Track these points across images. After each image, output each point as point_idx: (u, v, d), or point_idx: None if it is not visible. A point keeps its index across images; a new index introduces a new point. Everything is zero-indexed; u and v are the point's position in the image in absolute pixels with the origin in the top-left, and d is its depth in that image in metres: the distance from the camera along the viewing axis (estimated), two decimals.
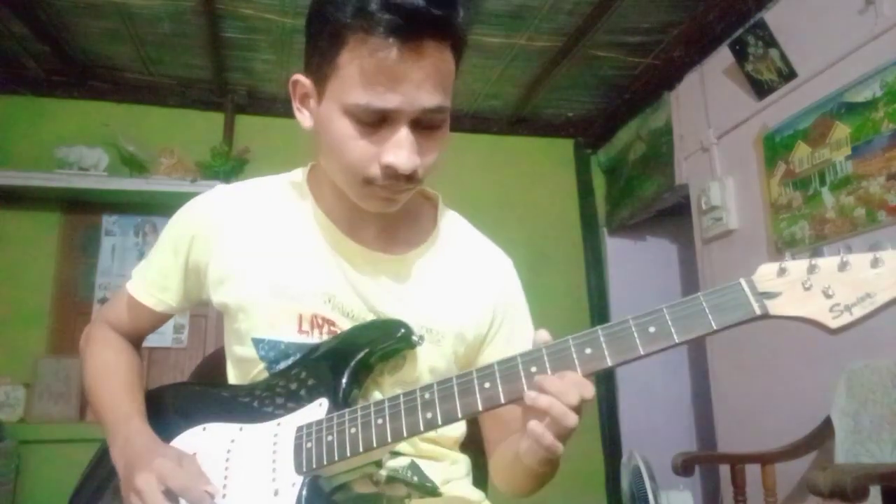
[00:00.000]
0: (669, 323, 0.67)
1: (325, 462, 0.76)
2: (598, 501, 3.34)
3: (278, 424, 0.83)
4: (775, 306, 0.65)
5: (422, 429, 0.74)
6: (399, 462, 0.89)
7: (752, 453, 2.08)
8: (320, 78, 0.80)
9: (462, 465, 0.99)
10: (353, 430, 0.76)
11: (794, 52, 2.31)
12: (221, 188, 0.99)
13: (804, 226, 2.27)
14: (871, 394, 1.87)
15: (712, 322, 0.66)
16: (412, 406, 0.74)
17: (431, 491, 0.90)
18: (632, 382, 3.43)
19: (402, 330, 0.85)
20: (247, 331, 0.91)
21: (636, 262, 3.68)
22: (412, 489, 0.88)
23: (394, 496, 0.87)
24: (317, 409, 0.82)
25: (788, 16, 2.36)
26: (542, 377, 0.70)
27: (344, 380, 0.83)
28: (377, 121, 0.77)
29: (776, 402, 2.39)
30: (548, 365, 0.71)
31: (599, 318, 3.52)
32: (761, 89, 2.47)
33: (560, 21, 2.70)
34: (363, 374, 0.85)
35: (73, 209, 3.08)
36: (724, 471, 2.37)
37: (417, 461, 0.90)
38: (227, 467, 0.83)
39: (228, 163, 3.07)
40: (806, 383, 2.23)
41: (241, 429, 0.85)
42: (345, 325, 0.89)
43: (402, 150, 0.77)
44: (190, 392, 0.98)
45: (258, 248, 0.92)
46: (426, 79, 0.75)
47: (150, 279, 0.99)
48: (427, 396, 0.74)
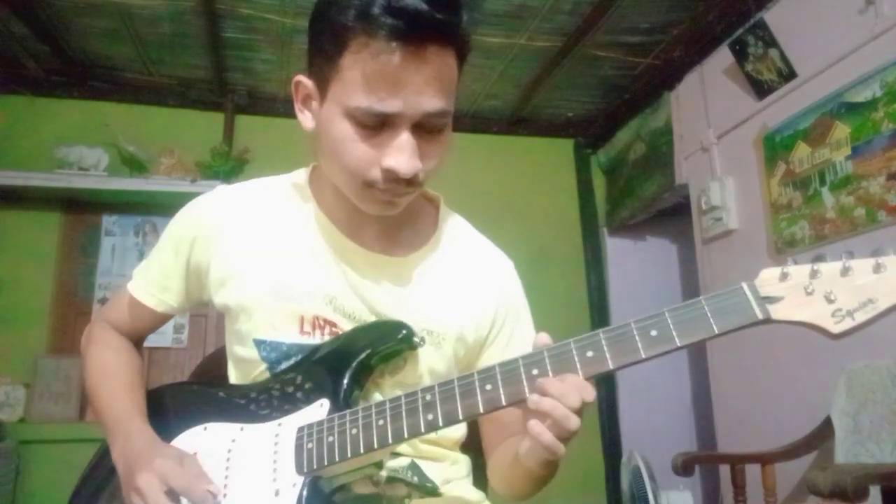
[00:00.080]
0: (671, 326, 0.67)
1: (326, 462, 0.76)
2: (598, 501, 3.34)
3: (279, 425, 0.83)
4: (777, 311, 0.65)
5: (423, 430, 0.74)
6: (399, 462, 0.89)
7: (752, 453, 2.08)
8: (322, 80, 0.80)
9: (462, 466, 0.99)
10: (354, 430, 0.76)
11: (794, 52, 2.32)
12: (223, 189, 0.99)
13: (804, 226, 2.28)
14: (871, 394, 1.87)
15: (714, 326, 0.66)
16: (413, 407, 0.74)
17: (431, 491, 0.90)
18: (632, 382, 3.43)
19: (404, 331, 0.85)
20: (248, 332, 0.91)
21: (636, 262, 3.69)
22: (412, 489, 0.88)
23: (394, 496, 0.87)
24: (318, 410, 0.82)
25: (788, 16, 2.36)
26: (543, 380, 0.70)
27: (345, 381, 0.83)
28: (378, 124, 0.77)
29: (776, 402, 2.39)
30: (549, 367, 0.71)
31: (599, 318, 3.52)
32: (761, 89, 2.48)
33: (560, 21, 2.70)
34: (364, 375, 0.85)
35: (73, 209, 3.09)
36: (724, 471, 2.37)
37: (418, 462, 0.90)
38: (227, 467, 0.82)
39: (228, 163, 3.07)
40: (806, 383, 2.23)
41: (241, 429, 0.85)
42: (346, 327, 0.89)
43: (403, 153, 0.77)
44: (191, 392, 0.98)
45: (259, 249, 0.91)
46: (428, 83, 0.75)
47: (151, 279, 0.99)
48: (428, 398, 0.74)
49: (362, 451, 0.75)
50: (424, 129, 0.78)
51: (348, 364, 0.83)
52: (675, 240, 3.74)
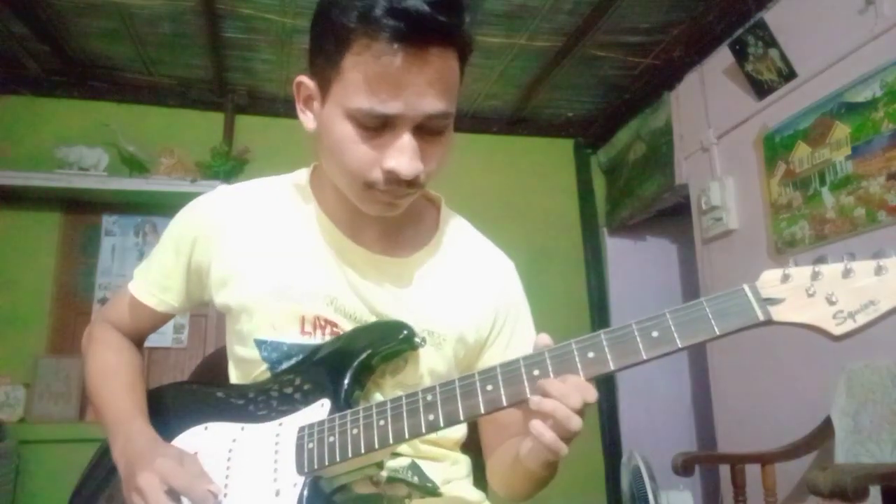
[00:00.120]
0: (672, 328, 0.67)
1: (327, 462, 0.76)
2: (598, 501, 3.34)
3: (280, 424, 0.83)
4: (779, 312, 0.65)
5: (424, 430, 0.74)
6: (399, 462, 0.89)
7: (752, 453, 2.08)
8: (324, 81, 0.80)
9: (463, 466, 0.99)
10: (355, 430, 0.76)
11: (794, 52, 2.32)
12: (224, 189, 0.99)
13: (804, 226, 2.28)
14: (871, 394, 1.87)
15: (715, 328, 0.66)
16: (414, 408, 0.74)
17: (432, 491, 0.90)
18: (632, 382, 3.43)
19: (405, 332, 0.85)
20: (249, 332, 0.91)
21: (636, 262, 3.69)
22: (413, 489, 0.88)
23: (394, 496, 0.87)
24: (319, 410, 0.82)
25: (788, 16, 2.36)
26: (545, 381, 0.70)
27: (346, 381, 0.83)
28: (380, 125, 0.77)
29: (776, 402, 2.39)
30: (550, 368, 0.70)
31: (599, 318, 3.52)
32: (761, 89, 2.48)
33: (560, 21, 2.70)
34: (365, 375, 0.85)
35: (73, 209, 3.08)
36: (724, 471, 2.37)
37: (418, 462, 0.90)
38: (228, 467, 0.82)
39: (228, 163, 3.07)
40: (806, 383, 2.23)
41: (242, 428, 0.85)
42: (347, 327, 0.89)
43: (404, 155, 0.77)
44: (191, 391, 0.98)
45: (260, 249, 0.91)
46: (430, 85, 0.75)
47: (152, 279, 0.99)
48: (429, 398, 0.74)
49: (363, 451, 0.75)
50: (426, 130, 0.78)
51: (349, 364, 0.83)
52: (675, 240, 3.74)
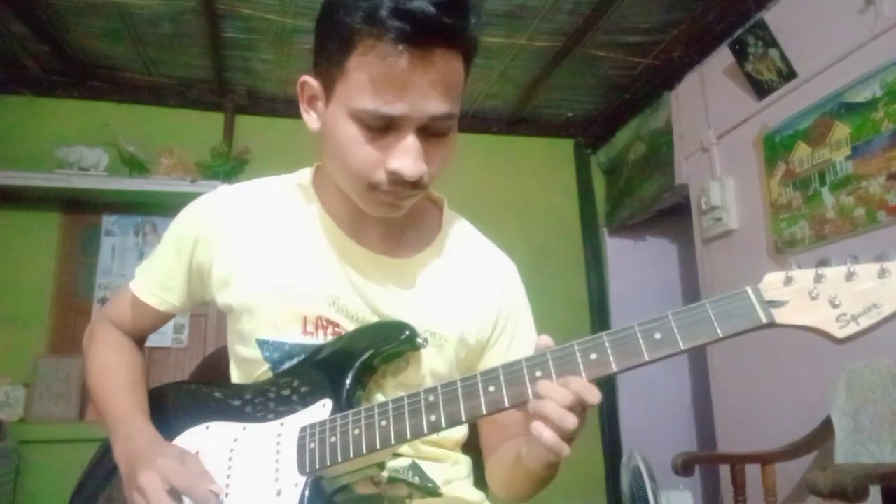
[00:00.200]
0: (675, 330, 0.67)
1: (329, 463, 0.76)
2: (598, 501, 3.35)
3: (282, 424, 0.83)
4: (781, 315, 0.65)
5: (425, 431, 0.73)
6: (400, 463, 0.89)
7: (752, 453, 2.08)
8: (328, 81, 0.80)
9: (463, 466, 0.99)
10: (357, 431, 0.76)
11: (794, 52, 2.32)
12: (225, 188, 0.99)
13: (804, 226, 2.28)
14: (871, 394, 1.88)
15: (718, 330, 0.66)
16: (416, 408, 0.74)
17: (432, 491, 0.90)
18: (632, 383, 3.43)
19: (406, 332, 0.85)
20: (251, 332, 0.91)
21: (636, 262, 3.69)
22: (413, 490, 0.88)
23: (395, 496, 0.87)
24: (320, 410, 0.82)
25: (788, 16, 2.36)
26: (538, 382, 0.70)
27: (348, 381, 0.83)
28: (384, 126, 0.76)
29: (776, 402, 2.39)
30: (552, 370, 0.70)
31: (599, 318, 3.52)
32: (761, 89, 2.48)
33: (560, 21, 2.70)
34: (367, 375, 0.85)
35: (73, 209, 3.08)
36: (724, 471, 2.37)
37: (419, 462, 0.91)
38: (230, 466, 0.82)
39: (228, 163, 3.07)
40: (806, 383, 2.23)
41: (244, 428, 0.85)
42: (349, 328, 0.89)
43: (408, 156, 0.77)
44: (193, 391, 0.98)
45: (262, 249, 0.91)
46: (434, 86, 0.75)
47: (153, 279, 0.99)
48: (431, 399, 0.74)
49: (365, 451, 0.75)
50: (430, 131, 0.78)
51: (351, 364, 0.83)
52: (675, 240, 3.74)
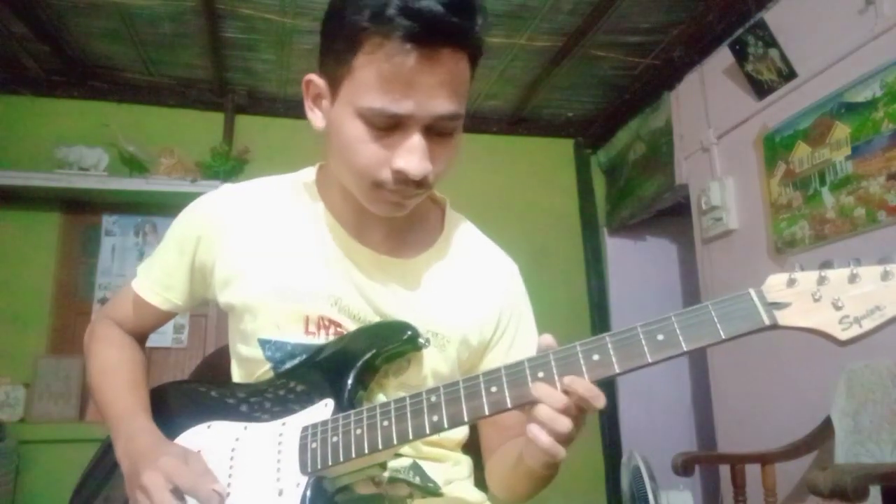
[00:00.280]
0: (678, 331, 0.67)
1: (331, 462, 0.76)
2: (598, 501, 3.35)
3: (283, 424, 0.83)
4: (784, 317, 0.64)
5: (427, 431, 0.73)
6: (401, 463, 0.89)
7: (752, 453, 2.08)
8: (334, 79, 0.80)
9: (464, 467, 0.99)
10: (359, 431, 0.76)
11: (794, 52, 2.32)
12: (228, 187, 0.98)
13: (804, 226, 2.28)
14: (870, 394, 1.88)
15: (721, 331, 0.66)
16: (418, 409, 0.74)
17: (433, 491, 0.90)
18: (632, 383, 3.43)
19: (409, 332, 0.85)
20: (253, 331, 0.91)
21: (636, 262, 3.69)
22: (414, 490, 0.88)
23: (396, 496, 0.87)
24: (322, 410, 0.82)
25: (788, 16, 2.36)
26: (534, 386, 0.69)
27: (350, 381, 0.83)
28: (390, 125, 0.77)
29: (776, 402, 2.39)
30: (555, 370, 0.70)
31: (599, 318, 3.52)
32: (761, 89, 2.48)
33: (560, 21, 2.70)
34: (369, 375, 0.85)
35: (73, 209, 3.08)
36: (724, 471, 2.37)
37: (419, 462, 0.91)
38: (231, 466, 0.82)
39: (228, 163, 3.07)
40: (806, 383, 2.23)
41: (245, 428, 0.85)
42: (351, 328, 0.89)
43: (413, 155, 0.77)
44: (194, 390, 0.97)
45: (264, 249, 0.91)
46: (441, 86, 0.75)
47: (155, 278, 0.99)
48: (433, 399, 0.74)
49: (367, 451, 0.75)
50: (435, 131, 0.78)
51: (353, 364, 0.83)
52: (675, 240, 3.74)
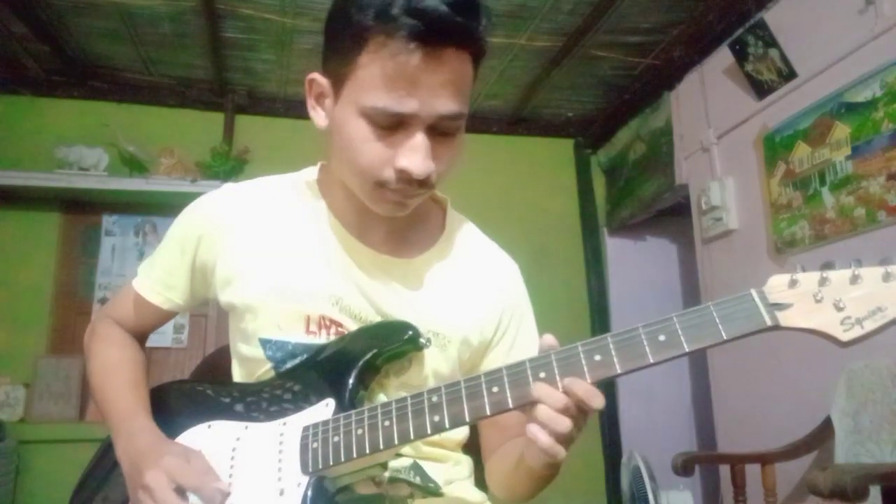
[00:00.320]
0: (679, 332, 0.67)
1: (332, 462, 0.76)
2: (598, 501, 3.35)
3: (284, 424, 0.83)
4: (786, 318, 0.64)
5: (429, 432, 0.73)
6: (401, 463, 0.89)
7: (752, 453, 2.08)
8: (338, 78, 0.80)
9: (464, 467, 0.99)
10: (360, 431, 0.76)
11: (794, 52, 2.32)
12: (229, 187, 0.98)
13: (804, 226, 2.28)
14: (870, 394, 1.88)
15: (723, 332, 0.66)
16: (419, 409, 0.74)
17: (434, 491, 0.90)
18: (632, 383, 3.42)
19: (409, 332, 0.85)
20: (254, 331, 0.90)
21: (636, 262, 3.69)
22: (415, 490, 0.88)
23: (396, 496, 0.87)
24: (323, 410, 0.82)
25: (788, 16, 2.36)
26: (534, 386, 0.69)
27: (351, 381, 0.83)
28: (393, 124, 0.77)
29: (776, 402, 2.39)
30: (556, 371, 0.70)
31: (599, 318, 3.52)
32: (761, 89, 2.48)
33: (560, 21, 2.70)
34: (370, 375, 0.85)
35: (73, 209, 3.08)
36: (724, 471, 2.37)
37: (420, 462, 0.90)
38: (232, 465, 0.82)
39: (228, 163, 3.07)
40: (806, 383, 2.23)
41: (246, 427, 0.85)
42: (352, 327, 0.89)
43: (417, 154, 0.77)
44: (195, 389, 0.97)
45: (266, 249, 0.91)
46: (445, 85, 0.75)
47: (156, 277, 0.99)
48: (434, 399, 0.74)
49: (368, 451, 0.75)
50: (438, 131, 0.78)
51: (354, 364, 0.83)
52: (675, 240, 3.74)
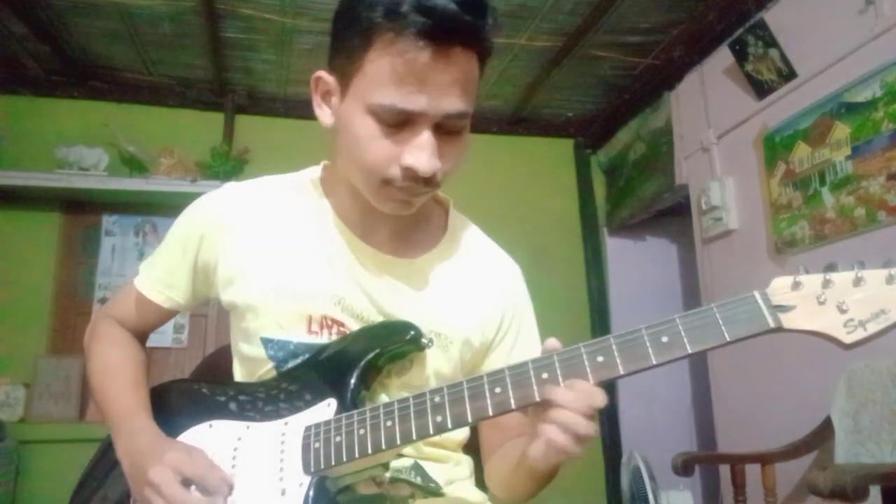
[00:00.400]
0: (682, 333, 0.67)
1: (334, 462, 0.76)
2: (598, 501, 3.35)
3: (286, 424, 0.83)
4: (789, 320, 0.64)
5: (431, 432, 0.73)
6: (402, 463, 0.89)
7: (752, 453, 2.08)
8: (345, 76, 0.80)
9: (465, 467, 0.99)
10: (362, 431, 0.76)
11: (794, 52, 2.32)
12: (231, 186, 0.98)
13: (804, 226, 2.28)
14: (871, 394, 1.88)
15: (725, 334, 0.66)
16: (422, 409, 0.74)
17: (435, 491, 0.90)
18: (632, 383, 3.42)
19: (412, 332, 0.85)
20: (255, 330, 0.90)
21: (636, 262, 3.69)
22: (416, 490, 0.88)
23: (397, 496, 0.87)
24: (325, 410, 0.82)
25: (788, 16, 2.36)
26: (550, 390, 0.69)
27: (353, 380, 0.82)
28: (400, 122, 0.77)
29: (776, 402, 2.39)
30: (559, 371, 0.70)
31: (599, 318, 3.52)
32: (761, 89, 2.48)
33: (560, 21, 2.70)
34: (371, 375, 0.85)
35: (73, 209, 3.08)
36: (724, 471, 2.37)
37: (421, 462, 0.90)
38: (233, 465, 0.82)
39: (228, 163, 3.07)
40: (806, 383, 2.23)
41: (248, 427, 0.85)
42: (354, 327, 0.89)
43: (423, 152, 0.77)
44: (196, 389, 0.97)
45: (268, 248, 0.91)
46: (452, 84, 0.75)
47: (158, 276, 0.98)
48: (437, 399, 0.74)
49: (370, 451, 0.75)
50: (444, 129, 0.78)
51: (356, 364, 0.83)
52: (675, 240, 3.74)
